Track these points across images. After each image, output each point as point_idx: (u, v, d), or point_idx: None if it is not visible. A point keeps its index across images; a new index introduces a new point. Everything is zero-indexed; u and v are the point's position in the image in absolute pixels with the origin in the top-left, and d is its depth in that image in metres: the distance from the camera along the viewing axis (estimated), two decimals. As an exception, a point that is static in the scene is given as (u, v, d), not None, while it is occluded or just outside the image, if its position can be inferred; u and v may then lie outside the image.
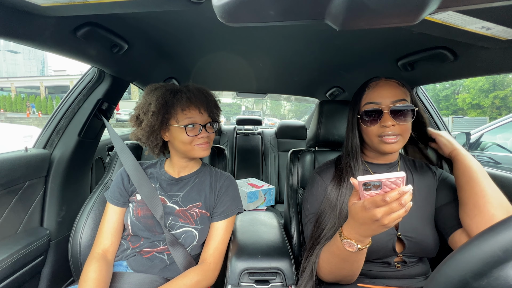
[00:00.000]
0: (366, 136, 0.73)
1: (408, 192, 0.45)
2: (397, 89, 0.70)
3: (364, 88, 0.74)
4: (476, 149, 2.83)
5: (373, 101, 0.71)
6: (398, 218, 0.47)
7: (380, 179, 0.46)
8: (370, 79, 0.76)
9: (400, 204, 0.45)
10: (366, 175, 0.47)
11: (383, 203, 0.46)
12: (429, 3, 0.30)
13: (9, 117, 14.63)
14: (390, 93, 0.69)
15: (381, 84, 0.72)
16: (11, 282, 0.80)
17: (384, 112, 0.68)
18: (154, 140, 0.82)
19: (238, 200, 0.88)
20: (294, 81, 1.64)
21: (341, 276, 0.64)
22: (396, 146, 0.69)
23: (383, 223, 0.47)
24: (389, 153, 0.72)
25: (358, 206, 0.50)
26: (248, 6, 0.33)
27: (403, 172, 0.45)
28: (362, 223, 0.51)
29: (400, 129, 0.68)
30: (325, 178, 0.79)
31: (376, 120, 0.70)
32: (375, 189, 0.47)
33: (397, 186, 0.46)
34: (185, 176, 0.88)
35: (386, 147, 0.69)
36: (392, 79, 0.73)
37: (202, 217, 0.83)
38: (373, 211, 0.47)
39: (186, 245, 0.80)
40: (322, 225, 0.71)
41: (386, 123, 0.68)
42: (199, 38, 0.94)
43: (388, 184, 0.46)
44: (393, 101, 0.69)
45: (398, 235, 0.68)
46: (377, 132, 0.70)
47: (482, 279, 0.28)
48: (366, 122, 0.71)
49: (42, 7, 0.57)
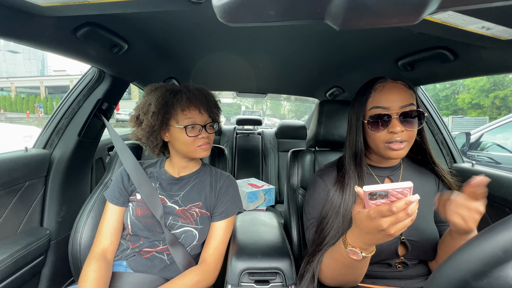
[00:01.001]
0: (371, 141, 0.70)
1: (415, 201, 0.44)
2: (405, 92, 0.66)
3: (369, 89, 0.69)
4: (476, 149, 2.83)
5: (380, 105, 0.66)
6: (404, 228, 0.46)
7: (387, 189, 0.44)
8: (374, 79, 0.71)
9: (406, 214, 0.44)
10: (372, 185, 0.45)
11: (390, 213, 0.44)
12: (429, 3, 0.30)
13: (9, 117, 14.64)
14: (399, 97, 0.65)
15: (388, 86, 0.67)
16: (11, 282, 0.80)
17: (393, 118, 0.64)
18: (154, 141, 0.82)
19: (238, 200, 0.88)
20: (294, 81, 1.64)
21: (344, 281, 0.64)
22: (402, 153, 0.66)
23: (389, 233, 0.46)
24: (394, 159, 0.70)
25: (363, 215, 0.49)
26: (248, 6, 0.33)
27: (410, 182, 0.44)
28: (367, 232, 0.49)
29: (408, 135, 0.65)
30: (327, 182, 0.77)
31: (384, 126, 0.66)
32: (381, 198, 0.46)
33: (403, 196, 0.45)
34: (185, 176, 0.88)
35: (392, 154, 0.66)
36: (398, 80, 0.69)
37: (202, 217, 0.83)
38: (379, 221, 0.46)
39: (186, 244, 0.80)
40: (325, 231, 0.69)
41: (395, 129, 0.64)
42: (199, 38, 0.94)
43: (395, 194, 0.45)
44: (402, 106, 0.65)
45: (401, 239, 0.67)
46: (384, 138, 0.66)
47: (482, 279, 0.28)
48: (372, 128, 0.67)
49: (42, 7, 0.57)
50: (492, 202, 0.92)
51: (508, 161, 2.55)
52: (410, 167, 0.78)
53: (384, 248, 0.67)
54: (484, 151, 2.79)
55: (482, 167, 1.03)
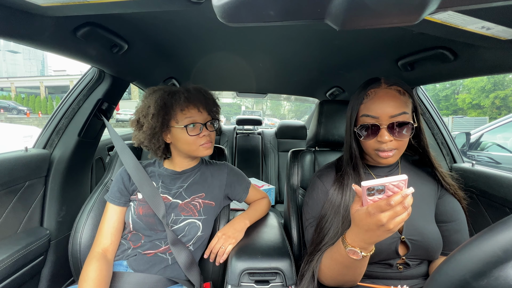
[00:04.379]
0: (363, 146, 0.72)
1: (410, 194, 0.45)
2: (397, 99, 0.65)
3: (362, 95, 0.69)
4: (476, 149, 2.83)
5: (370, 114, 0.66)
6: (402, 222, 0.47)
7: (383, 183, 0.46)
8: (369, 81, 0.70)
9: (404, 207, 0.45)
10: (369, 180, 0.47)
11: (388, 207, 0.45)
12: (429, 3, 0.30)
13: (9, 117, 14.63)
14: (389, 106, 0.64)
15: (380, 94, 0.66)
16: (11, 282, 0.80)
17: (381, 128, 0.65)
18: (156, 143, 0.83)
19: (243, 175, 1.00)
20: (294, 81, 1.64)
21: (343, 281, 0.64)
22: (392, 160, 0.68)
23: (388, 228, 0.47)
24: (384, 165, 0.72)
25: (362, 212, 0.49)
26: (248, 6, 0.33)
27: (405, 175, 0.45)
28: (367, 230, 0.50)
29: (398, 144, 0.66)
30: (326, 182, 0.78)
31: (373, 135, 0.66)
32: (378, 193, 0.47)
33: (399, 189, 0.46)
34: (187, 170, 0.90)
35: (382, 161, 0.68)
36: (393, 85, 0.67)
37: (206, 207, 0.84)
38: (378, 216, 0.46)
39: (190, 236, 0.80)
40: (324, 230, 0.69)
41: (383, 138, 0.64)
42: (199, 38, 0.94)
43: (391, 188, 0.46)
44: (392, 116, 0.64)
45: (402, 238, 0.67)
46: (373, 146, 0.68)
47: (482, 279, 0.28)
48: (362, 136, 0.68)
49: (42, 7, 0.57)
50: (492, 202, 0.92)
51: (508, 161, 2.55)
52: (409, 165, 0.79)
53: (384, 248, 0.67)
54: (484, 151, 2.79)
55: (482, 167, 1.03)
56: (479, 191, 0.97)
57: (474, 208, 0.98)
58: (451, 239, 0.70)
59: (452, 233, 0.70)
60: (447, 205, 0.72)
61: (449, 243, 0.70)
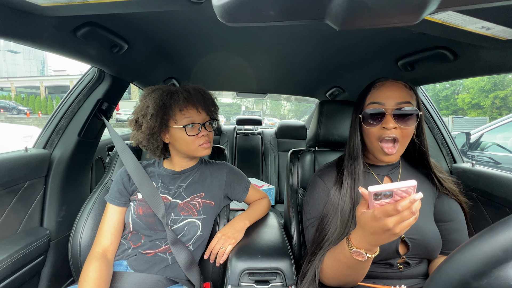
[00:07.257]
0: (367, 137, 0.72)
1: (419, 200, 0.44)
2: (403, 90, 0.68)
3: (369, 87, 0.72)
4: (476, 149, 2.83)
5: (376, 101, 0.68)
6: (408, 226, 0.46)
7: (392, 188, 0.44)
8: (378, 78, 0.73)
9: (411, 212, 0.44)
10: (377, 185, 0.45)
11: (395, 213, 0.45)
12: (429, 3, 0.30)
13: (9, 117, 14.62)
14: (396, 94, 0.67)
15: (387, 84, 0.69)
16: (11, 282, 0.80)
17: (387, 114, 0.66)
18: (155, 143, 0.83)
19: (242, 175, 1.00)
20: (294, 81, 1.64)
21: (346, 281, 0.64)
22: (394, 157, 0.68)
23: (394, 232, 0.46)
24: (386, 162, 0.72)
25: (368, 216, 0.49)
26: (248, 6, 0.33)
27: (414, 181, 0.44)
28: (372, 233, 0.49)
29: (402, 133, 0.66)
30: (327, 182, 0.77)
31: (378, 121, 0.67)
32: (385, 198, 0.46)
33: (408, 195, 0.45)
34: (186, 169, 0.90)
35: (385, 158, 0.68)
36: (400, 81, 0.70)
37: (205, 207, 0.84)
38: (385, 220, 0.46)
39: (190, 235, 0.80)
40: (325, 229, 0.69)
41: (388, 125, 0.65)
42: (199, 38, 0.94)
43: (399, 193, 0.45)
44: (397, 103, 0.66)
45: (402, 238, 0.67)
46: (377, 133, 0.68)
47: (482, 279, 0.28)
48: (367, 123, 0.69)
49: (42, 7, 0.57)
50: (492, 202, 0.92)
51: (508, 161, 2.55)
52: (409, 165, 0.79)
53: (384, 248, 0.66)
54: (484, 151, 2.78)
55: (482, 167, 1.03)
56: (479, 191, 0.97)
57: (474, 208, 0.98)
58: (449, 239, 0.70)
59: (451, 232, 0.70)
60: (445, 204, 0.72)
61: (448, 243, 0.70)
